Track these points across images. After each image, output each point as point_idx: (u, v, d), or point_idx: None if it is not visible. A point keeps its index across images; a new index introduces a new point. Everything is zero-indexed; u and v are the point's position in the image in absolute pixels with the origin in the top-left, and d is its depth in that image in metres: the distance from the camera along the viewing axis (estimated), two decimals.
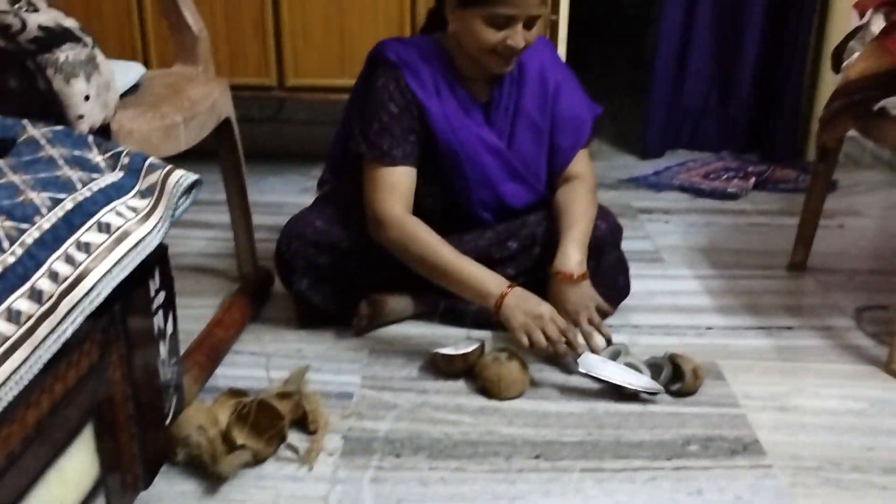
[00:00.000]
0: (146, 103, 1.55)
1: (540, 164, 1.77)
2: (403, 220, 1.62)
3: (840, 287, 2.02)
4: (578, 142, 1.77)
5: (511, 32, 1.56)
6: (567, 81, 1.78)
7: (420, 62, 1.68)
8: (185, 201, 1.10)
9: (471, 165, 1.71)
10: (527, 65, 1.74)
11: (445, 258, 1.59)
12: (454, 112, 1.69)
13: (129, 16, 2.59)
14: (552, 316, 1.54)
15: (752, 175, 2.80)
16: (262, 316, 1.84)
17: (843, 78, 1.73)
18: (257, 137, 3.01)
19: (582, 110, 1.79)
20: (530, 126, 1.75)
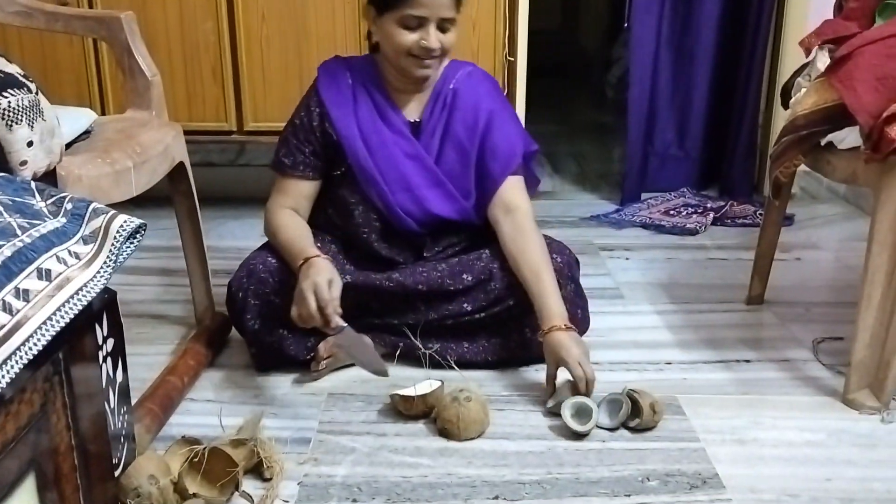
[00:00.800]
0: (97, 149, 1.54)
1: (465, 182, 1.79)
2: (275, 210, 1.75)
3: (797, 319, 2.03)
4: (508, 167, 1.78)
5: (424, 34, 1.63)
6: (501, 113, 1.81)
7: (344, 73, 1.77)
8: (129, 247, 1.09)
9: (387, 168, 1.75)
10: (461, 92, 1.78)
11: (282, 236, 1.69)
12: (369, 118, 1.75)
13: (86, 62, 2.59)
14: (313, 287, 1.52)
15: (710, 211, 2.84)
16: (218, 362, 1.81)
17: (791, 114, 1.77)
18: (218, 182, 3.00)
19: (514, 141, 1.81)
20: (457, 148, 1.78)
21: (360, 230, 1.80)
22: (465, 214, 1.81)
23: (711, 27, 2.97)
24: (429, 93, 1.79)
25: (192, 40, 2.58)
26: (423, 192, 1.77)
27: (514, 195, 1.78)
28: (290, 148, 1.77)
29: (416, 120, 1.79)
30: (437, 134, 1.78)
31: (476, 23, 2.60)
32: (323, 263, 1.59)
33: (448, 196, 1.79)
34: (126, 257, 1.09)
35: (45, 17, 1.79)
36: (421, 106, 1.79)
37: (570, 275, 1.81)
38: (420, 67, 1.68)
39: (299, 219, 1.75)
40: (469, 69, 1.83)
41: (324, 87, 1.76)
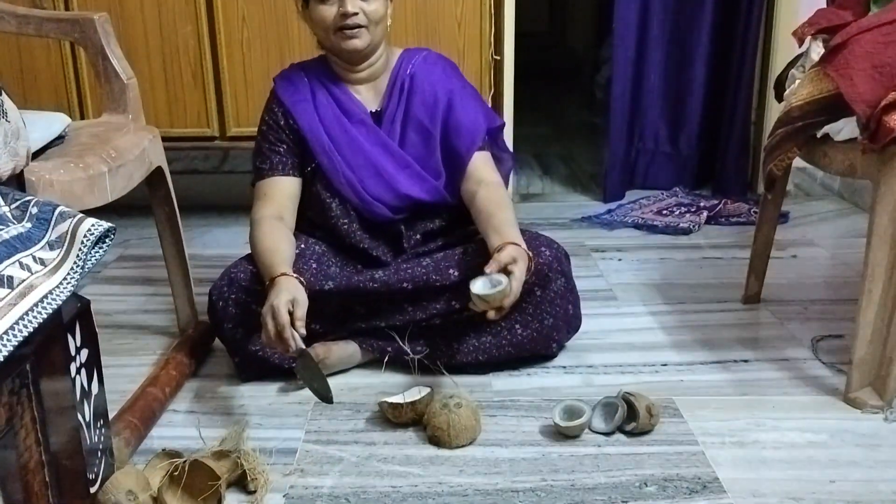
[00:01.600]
0: (70, 154, 1.49)
1: (432, 163, 1.78)
2: (258, 221, 1.69)
3: (795, 318, 1.99)
4: (473, 143, 1.77)
5: (342, 2, 1.65)
6: (462, 91, 1.81)
7: (298, 74, 1.80)
8: (98, 252, 1.03)
9: (353, 156, 1.75)
10: (418, 75, 1.79)
11: (259, 248, 1.63)
12: (330, 111, 1.76)
13: (64, 67, 2.53)
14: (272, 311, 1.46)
15: (704, 210, 2.79)
16: (201, 372, 1.76)
17: (786, 105, 1.72)
18: (202, 189, 2.95)
19: (476, 117, 1.79)
20: (419, 131, 1.78)
21: (340, 223, 1.78)
22: (437, 194, 1.78)
23: (703, 23, 2.93)
24: (386, 81, 1.79)
25: (172, 44, 2.53)
26: (392, 176, 1.76)
27: (485, 171, 1.76)
28: (264, 153, 1.76)
29: (377, 109, 1.79)
30: (398, 119, 1.78)
31: (461, 21, 2.56)
32: (286, 283, 1.53)
33: (417, 176, 1.77)
34: (94, 263, 1.04)
35: (16, 21, 1.74)
36: (380, 95, 1.79)
37: (560, 269, 1.76)
38: (347, 39, 1.68)
39: (279, 228, 1.69)
40: (424, 54, 1.84)
41: (281, 90, 1.79)
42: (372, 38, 1.71)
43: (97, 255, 1.04)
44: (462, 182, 1.76)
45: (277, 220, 1.71)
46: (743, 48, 2.89)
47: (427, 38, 2.53)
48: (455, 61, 2.41)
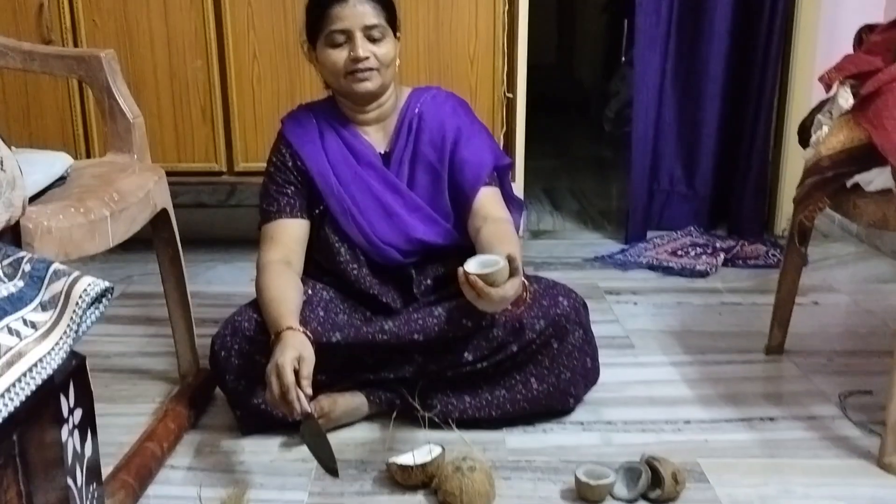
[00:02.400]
0: (71, 197, 1.43)
1: (441, 204, 1.73)
2: (265, 266, 1.64)
3: (821, 371, 1.91)
4: (479, 178, 1.71)
5: (352, 46, 1.61)
6: (469, 128, 1.76)
7: (307, 115, 1.76)
8: (94, 313, 0.97)
9: (363, 199, 1.70)
10: (426, 114, 1.75)
11: (265, 297, 1.56)
12: (338, 153, 1.71)
13: (71, 104, 2.49)
14: (276, 371, 1.38)
15: (720, 251, 2.73)
16: (201, 423, 1.68)
17: (815, 154, 1.66)
18: (208, 223, 2.90)
19: (483, 153, 1.74)
20: (428, 170, 1.73)
21: (349, 267, 1.72)
22: (449, 237, 1.73)
23: (719, 63, 2.88)
24: (395, 122, 1.75)
25: (182, 79, 2.48)
26: (403, 218, 1.71)
27: (492, 207, 1.70)
28: (272, 195, 1.72)
29: (386, 150, 1.75)
30: (406, 160, 1.74)
31: (474, 58, 2.51)
32: (292, 339, 1.45)
33: (428, 219, 1.72)
34: (90, 325, 0.97)
35: (21, 57, 1.69)
36: (388, 136, 1.75)
37: (578, 320, 1.69)
38: (358, 82, 1.64)
39: (287, 275, 1.63)
40: (433, 92, 1.80)
41: (289, 131, 1.75)
42: (383, 80, 1.67)
43: (93, 316, 0.97)
44: (468, 220, 1.70)
45: (285, 266, 1.65)
46: (760, 89, 2.83)
47: (440, 75, 2.48)
48: (467, 99, 2.36)
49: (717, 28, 2.85)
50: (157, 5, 2.43)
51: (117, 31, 2.45)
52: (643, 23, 2.79)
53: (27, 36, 2.38)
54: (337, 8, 1.60)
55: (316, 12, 1.64)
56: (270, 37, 2.46)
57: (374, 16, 1.61)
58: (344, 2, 1.60)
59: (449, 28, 2.48)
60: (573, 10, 6.22)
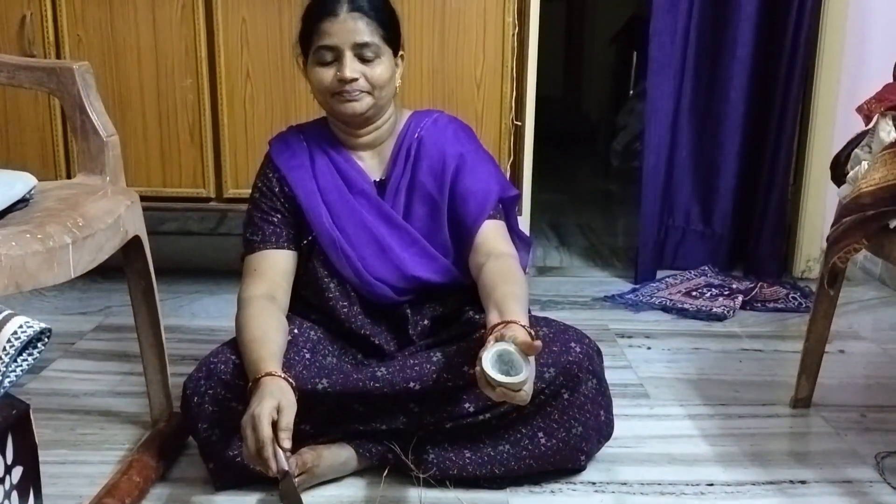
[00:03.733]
0: (30, 222, 1.28)
1: (440, 238, 1.60)
2: (246, 301, 1.51)
3: (853, 427, 1.75)
4: (483, 210, 1.58)
5: (340, 66, 1.50)
6: (472, 155, 1.63)
7: (296, 137, 1.65)
8: (26, 360, 0.81)
9: (355, 231, 1.58)
10: (426, 140, 1.62)
11: (245, 336, 1.43)
12: (329, 179, 1.59)
13: (51, 121, 2.35)
14: (252, 424, 1.24)
15: (738, 293, 2.57)
16: (171, 476, 1.52)
17: (854, 190, 1.51)
18: (195, 252, 2.75)
19: (488, 183, 1.61)
20: (426, 201, 1.60)
21: (339, 305, 1.58)
22: (448, 274, 1.59)
23: (738, 97, 2.74)
24: (392, 147, 1.62)
25: (170, 98, 2.35)
26: (397, 254, 1.57)
27: (496, 242, 1.56)
28: (256, 223, 1.60)
29: (382, 178, 1.62)
30: (403, 189, 1.60)
31: (481, 83, 2.38)
32: (271, 386, 1.30)
33: (425, 255, 1.59)
34: (19, 375, 0.81)
35: None
36: (384, 163, 1.63)
37: (592, 368, 1.53)
38: (344, 103, 1.52)
39: (270, 312, 1.48)
40: (434, 116, 1.66)
41: (276, 154, 1.63)
42: (375, 102, 1.54)
43: (26, 362, 0.82)
44: (470, 255, 1.56)
45: (268, 302, 1.50)
46: (780, 125, 2.69)
47: (444, 99, 2.35)
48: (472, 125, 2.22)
49: (736, 61, 2.71)
50: (146, 20, 2.30)
51: (103, 47, 2.32)
52: (657, 52, 2.66)
53: (7, 49, 2.26)
54: (327, 23, 1.49)
55: (307, 25, 1.53)
56: (265, 55, 2.33)
57: (367, 34, 1.50)
58: (334, 16, 1.49)
59: (454, 49, 2.35)
60: (581, 42, 6.15)
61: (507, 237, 1.61)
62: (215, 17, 2.30)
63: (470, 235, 1.57)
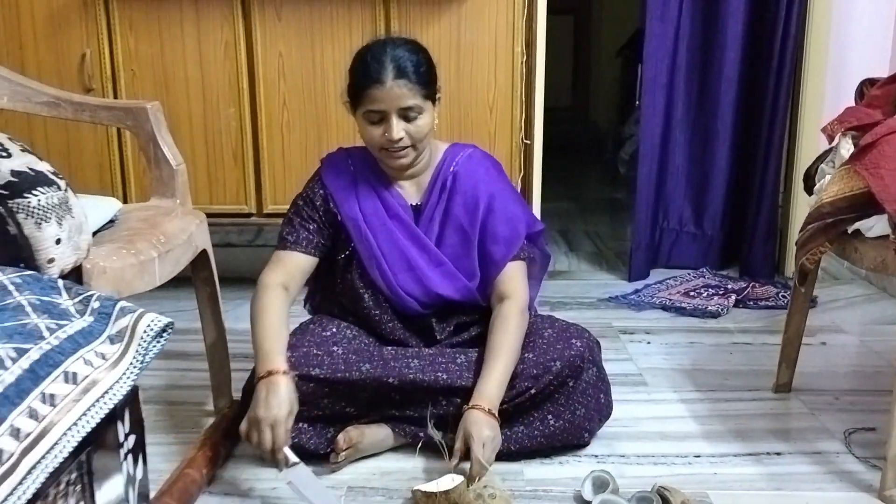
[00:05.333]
0: (121, 239, 1.54)
1: (468, 264, 1.80)
2: (266, 287, 1.71)
3: (827, 408, 1.99)
4: (509, 251, 1.79)
5: (387, 126, 1.67)
6: (502, 195, 1.82)
7: (345, 161, 1.83)
8: (156, 345, 1.07)
9: (389, 249, 1.77)
10: (461, 175, 1.80)
11: (259, 325, 1.65)
12: (370, 202, 1.78)
13: (109, 150, 2.61)
14: (271, 423, 1.52)
15: (732, 292, 2.81)
16: (237, 453, 1.77)
17: (817, 201, 1.76)
18: (235, 262, 3.00)
19: (516, 225, 1.82)
20: (458, 231, 1.80)
21: (372, 313, 1.81)
22: (469, 294, 1.80)
23: (728, 108, 3.00)
24: (429, 176, 1.82)
25: (215, 125, 2.61)
26: (424, 272, 1.78)
27: (511, 284, 1.78)
28: (294, 226, 1.78)
29: (417, 203, 1.82)
30: (437, 218, 1.80)
31: (493, 107, 2.63)
32: (285, 389, 1.55)
33: (450, 275, 1.79)
34: (153, 357, 1.07)
35: (72, 108, 1.81)
36: (421, 190, 1.82)
37: (592, 358, 1.78)
38: (393, 159, 1.72)
39: (283, 305, 1.70)
40: (469, 151, 1.86)
41: (326, 174, 1.82)
42: (418, 153, 1.74)
43: (154, 348, 1.07)
44: (491, 287, 1.80)
45: (283, 291, 1.72)
46: (769, 134, 2.94)
47: (459, 123, 2.60)
48: (486, 145, 2.48)
49: (725, 75, 2.97)
50: (193, 56, 2.57)
51: (155, 81, 2.58)
52: (650, 69, 2.92)
53: (69, 85, 2.51)
54: (374, 90, 1.65)
55: (356, 86, 1.69)
56: (300, 86, 2.59)
57: (410, 97, 1.66)
58: (381, 84, 1.64)
59: (469, 78, 2.60)
60: (588, 54, 6.38)
61: (523, 277, 1.81)
62: (255, 52, 2.56)
63: (496, 272, 1.79)
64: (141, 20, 2.54)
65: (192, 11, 2.54)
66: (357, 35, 2.54)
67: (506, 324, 1.73)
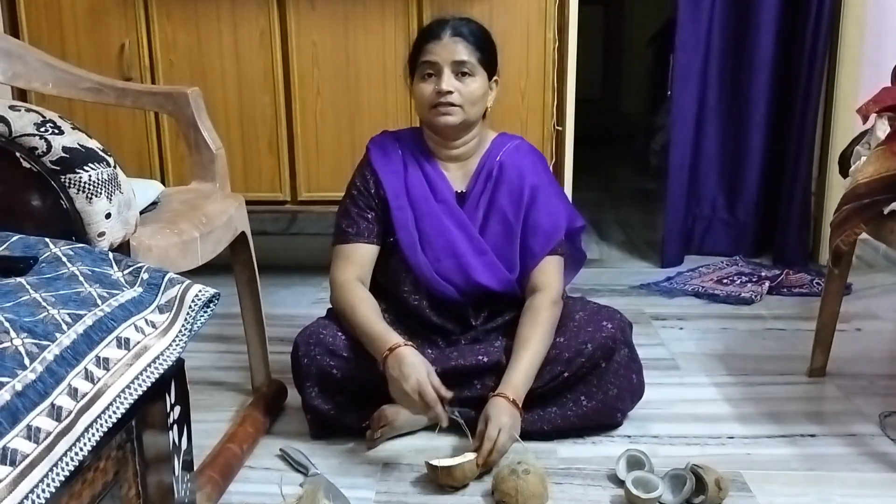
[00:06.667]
0: (164, 220, 1.58)
1: (510, 255, 1.81)
2: (345, 284, 1.75)
3: (862, 392, 1.98)
4: (548, 244, 1.81)
5: (438, 80, 1.71)
6: (546, 188, 1.84)
7: (392, 143, 1.85)
8: (203, 315, 1.11)
9: (434, 235, 1.79)
10: (506, 164, 1.82)
11: (358, 314, 1.70)
12: (419, 187, 1.80)
13: (148, 136, 2.67)
14: (417, 389, 1.57)
15: (765, 279, 2.80)
16: (275, 429, 1.81)
17: (852, 182, 1.75)
18: (270, 250, 3.04)
19: (557, 218, 1.83)
20: (502, 221, 1.81)
21: (411, 297, 1.83)
22: (508, 285, 1.82)
23: (761, 94, 2.99)
24: (475, 164, 1.83)
25: (250, 114, 2.65)
26: (467, 260, 1.80)
27: (545, 277, 1.80)
28: (353, 217, 1.81)
29: (462, 191, 1.83)
30: (482, 206, 1.82)
31: (525, 93, 2.64)
32: (410, 357, 1.60)
33: (491, 265, 1.80)
34: (201, 326, 1.11)
35: (115, 94, 1.86)
36: (467, 177, 1.83)
37: (624, 339, 1.79)
38: (439, 115, 1.73)
39: (369, 297, 1.75)
40: (517, 143, 1.87)
41: (375, 159, 1.83)
42: (466, 117, 1.75)
43: (202, 318, 1.11)
44: (526, 278, 1.81)
45: (361, 285, 1.76)
46: (802, 120, 2.92)
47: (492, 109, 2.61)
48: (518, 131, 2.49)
49: (758, 60, 2.96)
50: (230, 46, 2.61)
51: (192, 70, 2.63)
52: (682, 58, 2.92)
53: (108, 73, 2.52)
54: (431, 43, 1.72)
55: (416, 46, 1.77)
56: (333, 74, 2.62)
57: (465, 53, 1.71)
58: (438, 39, 1.72)
59: (501, 63, 2.58)
60: (619, 44, 6.35)
61: (560, 270, 1.83)
62: (290, 42, 2.59)
63: (533, 264, 1.80)
64: (178, 10, 2.59)
65: (228, 2, 2.58)
66: (390, 24, 2.57)
67: (537, 315, 1.74)
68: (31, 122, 1.14)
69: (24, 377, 0.83)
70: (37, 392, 0.83)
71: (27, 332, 0.89)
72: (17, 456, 0.77)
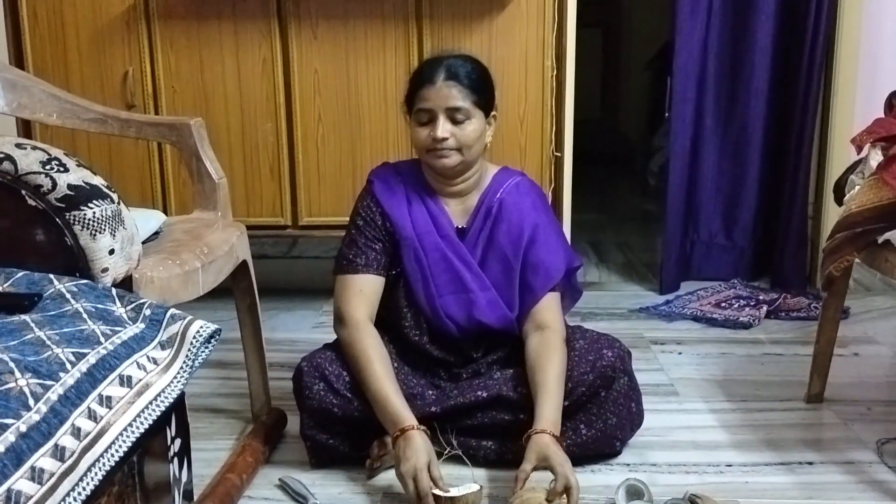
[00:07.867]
0: (166, 250, 1.60)
1: (509, 293, 1.81)
2: (359, 325, 1.73)
3: (860, 419, 1.99)
4: (548, 283, 1.81)
5: (434, 126, 1.70)
6: (546, 228, 1.84)
7: (395, 177, 1.85)
8: (204, 351, 1.12)
9: (438, 270, 1.79)
10: (506, 203, 1.82)
11: (373, 374, 1.67)
12: (422, 221, 1.80)
13: (150, 164, 2.69)
14: (413, 474, 1.54)
15: (763, 303, 2.81)
16: (274, 458, 1.82)
17: (846, 210, 1.77)
18: (270, 273, 3.06)
19: (556, 258, 1.83)
20: (501, 259, 1.81)
21: (411, 332, 1.84)
22: (508, 323, 1.82)
23: (758, 119, 3.01)
24: (476, 200, 1.84)
25: (252, 140, 2.67)
26: (472, 296, 1.80)
27: (548, 314, 1.80)
28: (360, 247, 1.80)
29: (463, 226, 1.84)
30: (481, 243, 1.82)
31: (524, 119, 2.66)
32: (418, 441, 1.58)
33: (494, 302, 1.81)
34: (202, 361, 1.12)
35: (118, 124, 1.88)
36: (467, 213, 1.84)
37: (623, 367, 1.80)
38: (436, 159, 1.74)
39: (382, 346, 1.74)
40: (517, 180, 1.88)
41: (380, 192, 1.83)
42: (464, 159, 1.75)
43: (203, 354, 1.12)
44: (523, 317, 1.82)
45: (372, 327, 1.76)
46: (799, 143, 2.94)
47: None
48: (516, 158, 2.51)
49: (754, 86, 2.98)
50: (232, 73, 2.64)
51: (195, 97, 2.65)
52: (679, 81, 2.95)
53: (112, 101, 2.58)
54: (425, 90, 1.72)
55: (411, 88, 1.76)
56: (334, 101, 2.65)
57: (459, 99, 1.70)
58: (432, 84, 1.71)
59: (500, 91, 2.61)
60: (618, 66, 6.39)
61: (559, 308, 1.84)
62: (292, 69, 2.62)
63: (532, 302, 1.80)
64: (181, 39, 2.62)
65: (231, 30, 2.61)
66: (391, 52, 2.60)
67: (554, 354, 1.73)
68: (37, 161, 1.16)
69: (29, 418, 0.85)
70: (41, 433, 0.85)
71: (32, 371, 0.90)
72: (20, 498, 0.79)
